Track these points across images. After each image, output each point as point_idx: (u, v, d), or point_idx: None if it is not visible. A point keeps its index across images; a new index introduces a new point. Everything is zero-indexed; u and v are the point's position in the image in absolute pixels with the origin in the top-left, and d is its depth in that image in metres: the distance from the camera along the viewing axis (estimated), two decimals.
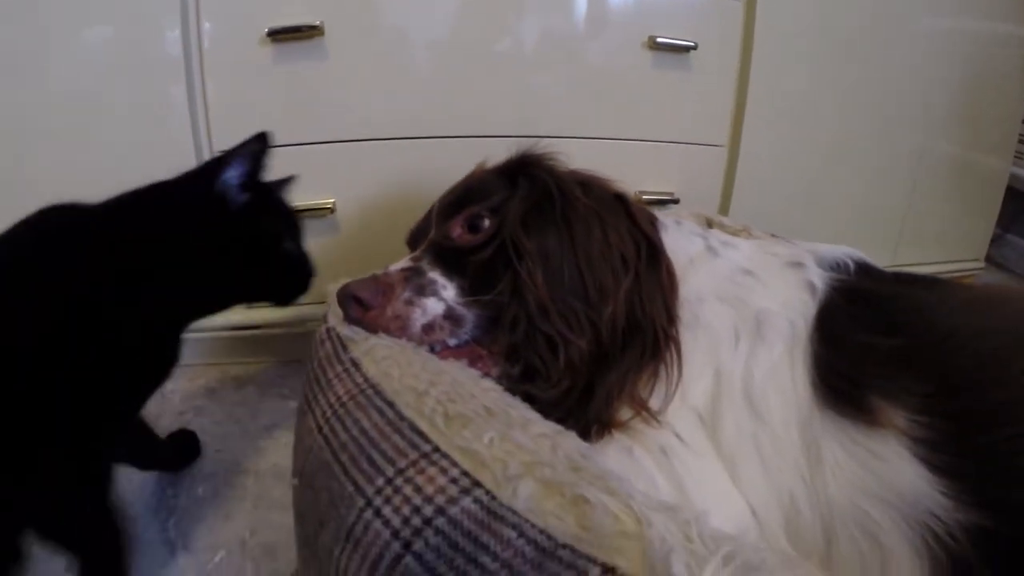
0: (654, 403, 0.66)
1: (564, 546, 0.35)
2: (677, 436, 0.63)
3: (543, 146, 0.80)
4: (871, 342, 0.62)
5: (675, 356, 0.68)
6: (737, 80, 1.33)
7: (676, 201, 1.29)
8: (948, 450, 0.54)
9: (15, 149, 1.07)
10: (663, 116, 1.29)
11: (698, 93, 1.30)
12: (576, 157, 0.82)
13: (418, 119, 1.16)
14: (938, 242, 1.74)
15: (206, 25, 1.06)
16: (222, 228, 0.82)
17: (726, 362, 0.67)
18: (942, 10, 1.49)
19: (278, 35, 1.06)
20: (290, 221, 0.91)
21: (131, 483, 0.99)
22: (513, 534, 0.36)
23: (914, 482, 0.53)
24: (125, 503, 0.90)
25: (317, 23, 1.06)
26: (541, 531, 0.36)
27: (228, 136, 1.07)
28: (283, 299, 0.92)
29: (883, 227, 1.66)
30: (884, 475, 0.55)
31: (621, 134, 1.26)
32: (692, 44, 1.22)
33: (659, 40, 1.20)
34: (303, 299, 0.92)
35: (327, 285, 0.79)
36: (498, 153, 0.88)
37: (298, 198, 1.00)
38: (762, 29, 1.29)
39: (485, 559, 0.36)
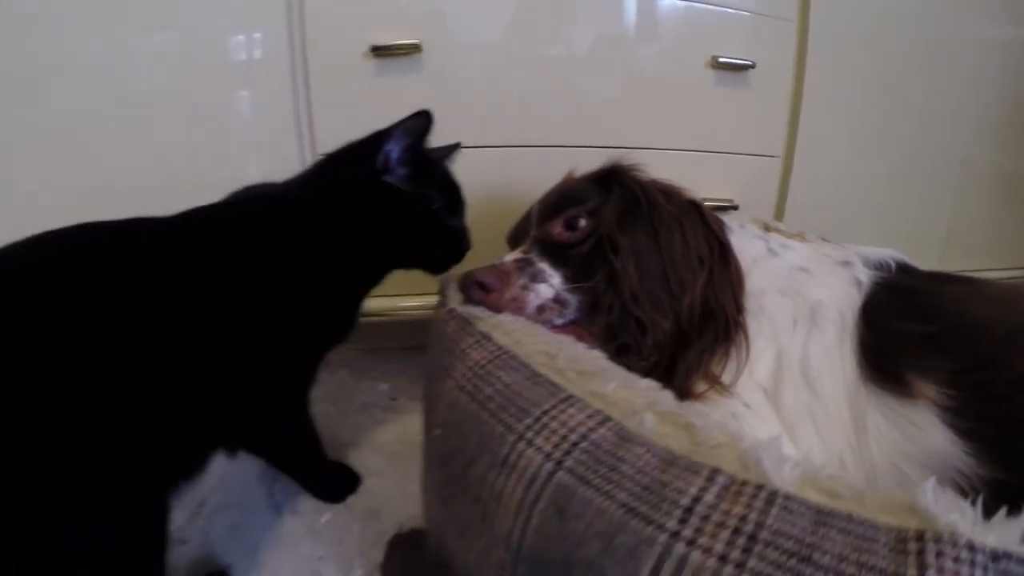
0: (725, 378, 0.77)
1: (682, 457, 0.48)
2: (745, 405, 0.75)
3: (629, 158, 0.92)
4: (907, 328, 0.73)
5: (743, 340, 0.79)
6: (791, 95, 1.42)
7: (736, 207, 1.38)
8: (972, 417, 0.64)
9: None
10: (724, 129, 1.38)
11: (755, 108, 1.39)
12: (649, 167, 0.94)
13: (505, 129, 1.27)
14: (984, 249, 1.78)
15: (312, 39, 1.18)
16: (381, 199, 0.86)
17: (786, 345, 0.78)
18: (990, 21, 1.55)
19: (380, 51, 1.18)
20: (452, 195, 0.94)
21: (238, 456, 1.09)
22: (642, 450, 0.49)
23: (943, 444, 0.64)
24: (231, 472, 1.03)
25: (416, 42, 1.18)
26: (663, 448, 0.49)
27: (330, 140, 1.21)
28: (437, 268, 0.95)
29: (929, 233, 1.71)
30: (918, 439, 0.66)
31: (687, 146, 1.36)
32: (751, 63, 1.32)
33: (721, 60, 1.30)
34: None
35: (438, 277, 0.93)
36: (576, 162, 1.00)
37: None
38: (815, 47, 1.39)
39: (624, 467, 0.48)
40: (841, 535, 0.41)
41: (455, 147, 0.98)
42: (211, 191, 0.87)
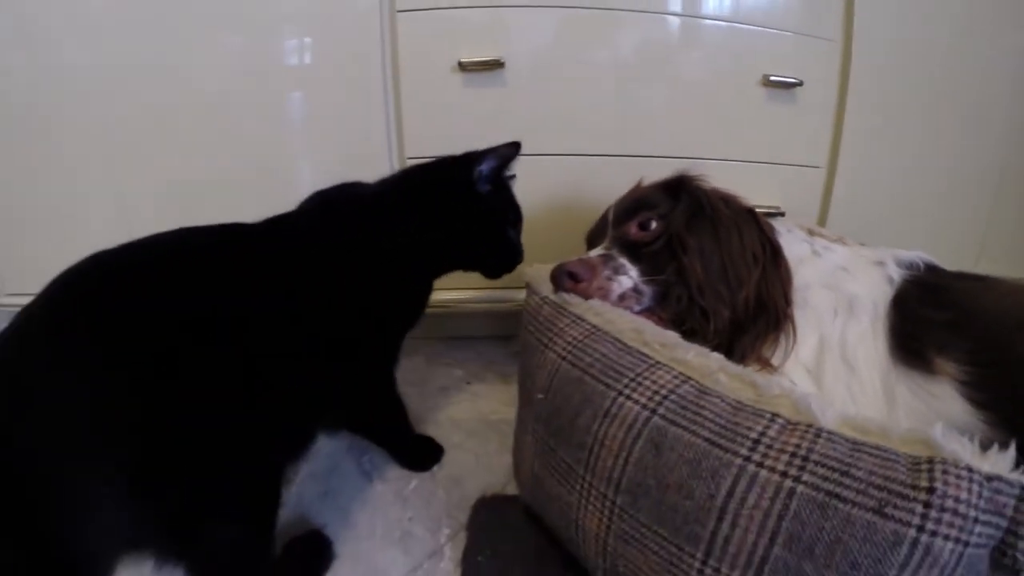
0: (775, 361, 0.91)
1: (749, 405, 0.63)
2: (791, 381, 0.88)
3: (694, 170, 1.07)
4: (931, 316, 0.86)
5: (791, 328, 0.93)
6: (835, 110, 1.53)
7: (782, 214, 1.49)
8: (986, 391, 0.77)
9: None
10: (772, 142, 1.50)
11: (801, 122, 1.51)
12: (708, 177, 1.08)
13: (575, 139, 1.41)
14: (1019, 255, 1.81)
15: (404, 55, 1.34)
16: (469, 206, 1.02)
17: (827, 331, 0.92)
18: None
19: (467, 66, 1.33)
20: (516, 214, 1.09)
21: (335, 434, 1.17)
22: (718, 400, 0.65)
23: (961, 414, 0.77)
24: (321, 445, 1.16)
25: (500, 58, 1.32)
26: (734, 399, 0.65)
27: (417, 146, 1.38)
28: (494, 274, 1.10)
29: (966, 239, 1.78)
30: (940, 410, 0.78)
31: (738, 157, 1.48)
32: (798, 81, 1.44)
33: (772, 78, 1.43)
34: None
35: (522, 269, 1.08)
36: (636, 171, 1.14)
37: None
38: (857, 65, 1.50)
39: (705, 412, 0.64)
40: (871, 458, 0.55)
41: (513, 176, 1.10)
42: (298, 189, 1.02)
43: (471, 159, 1.02)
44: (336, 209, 0.99)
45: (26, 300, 0.68)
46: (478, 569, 0.87)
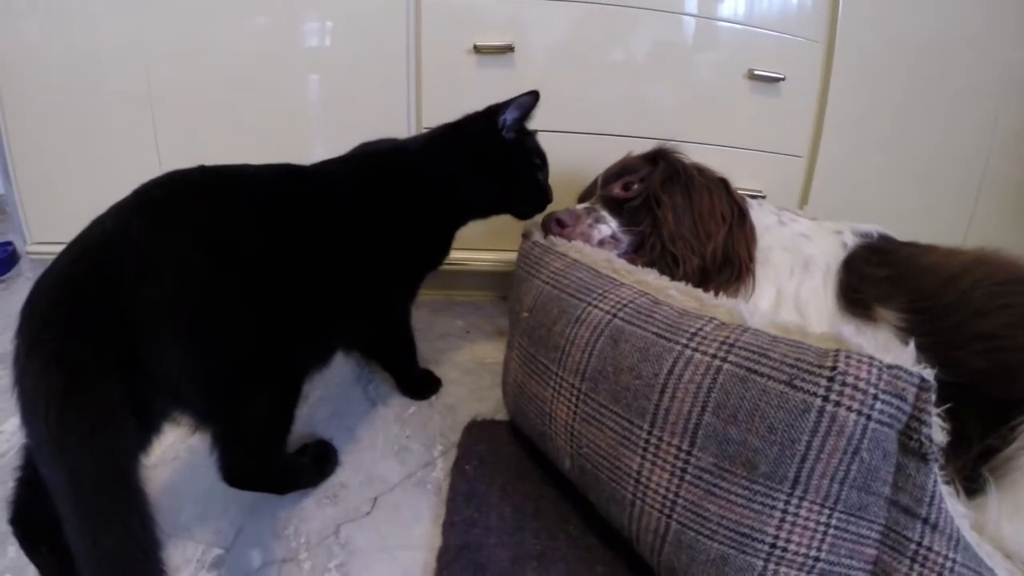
0: None
1: (692, 311, 0.76)
2: None
3: (672, 144, 1.20)
4: (874, 273, 0.99)
5: (751, 280, 1.06)
6: (817, 105, 1.65)
7: (763, 196, 1.59)
8: (918, 333, 0.88)
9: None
10: (756, 130, 1.62)
11: (784, 113, 1.62)
12: (692, 155, 1.20)
13: (577, 118, 1.53)
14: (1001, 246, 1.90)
15: (427, 35, 1.47)
16: (499, 152, 1.12)
17: (784, 286, 1.05)
18: (1012, 44, 1.71)
19: (481, 49, 1.46)
20: (542, 158, 1.18)
21: (336, 363, 1.19)
22: (667, 308, 0.78)
23: (898, 355, 0.89)
24: (329, 374, 1.26)
25: (510, 43, 1.46)
26: (681, 307, 0.78)
27: (434, 118, 1.48)
28: (525, 214, 1.19)
29: (946, 238, 1.84)
30: (879, 352, 0.90)
31: (724, 142, 1.60)
32: (782, 76, 1.56)
33: (756, 72, 1.55)
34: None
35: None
36: (633, 147, 1.26)
37: None
38: (839, 66, 1.61)
39: (655, 316, 0.77)
40: (786, 346, 0.67)
41: (535, 132, 1.21)
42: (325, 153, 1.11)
43: (494, 110, 1.12)
44: (384, 157, 1.11)
45: (52, 249, 0.79)
46: (465, 475, 0.99)
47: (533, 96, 1.12)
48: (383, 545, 0.89)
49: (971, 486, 0.79)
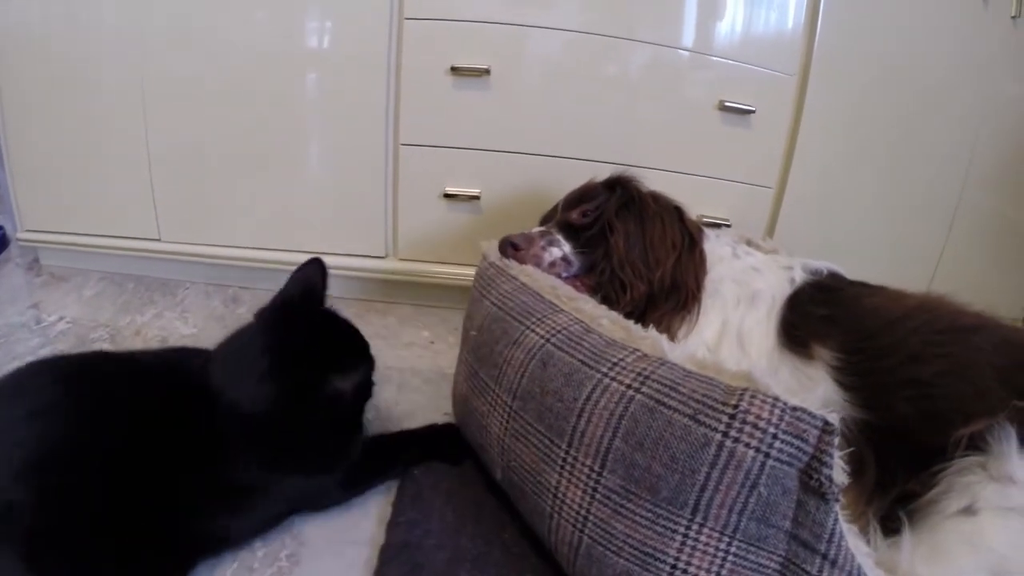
0: (680, 334, 1.08)
1: (619, 341, 0.80)
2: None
3: (631, 172, 1.24)
4: (815, 311, 1.02)
5: (697, 309, 1.10)
6: (787, 138, 1.67)
7: (729, 225, 1.61)
8: (851, 373, 0.92)
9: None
10: (726, 160, 1.64)
11: (754, 144, 1.64)
12: (658, 182, 1.24)
13: (546, 143, 1.57)
14: (972, 293, 1.70)
15: (407, 55, 1.51)
16: None
17: (729, 317, 1.08)
18: (987, 79, 1.72)
19: (458, 71, 1.50)
20: None
21: None
22: (597, 337, 0.82)
23: (830, 393, 0.92)
24: None
25: (486, 67, 1.49)
26: (610, 337, 0.82)
27: (411, 134, 1.56)
28: None
29: (916, 270, 1.88)
30: (813, 389, 0.93)
31: (693, 171, 1.62)
32: (752, 108, 1.58)
33: (727, 104, 1.57)
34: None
35: (480, 243, 1.20)
36: (597, 173, 1.29)
37: (456, 186, 1.51)
38: (812, 100, 1.63)
39: (584, 344, 0.81)
40: (697, 382, 0.71)
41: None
42: (303, 162, 1.14)
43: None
44: None
45: (41, 238, 0.82)
46: (413, 479, 1.04)
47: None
48: (331, 539, 0.96)
49: (893, 525, 0.80)
